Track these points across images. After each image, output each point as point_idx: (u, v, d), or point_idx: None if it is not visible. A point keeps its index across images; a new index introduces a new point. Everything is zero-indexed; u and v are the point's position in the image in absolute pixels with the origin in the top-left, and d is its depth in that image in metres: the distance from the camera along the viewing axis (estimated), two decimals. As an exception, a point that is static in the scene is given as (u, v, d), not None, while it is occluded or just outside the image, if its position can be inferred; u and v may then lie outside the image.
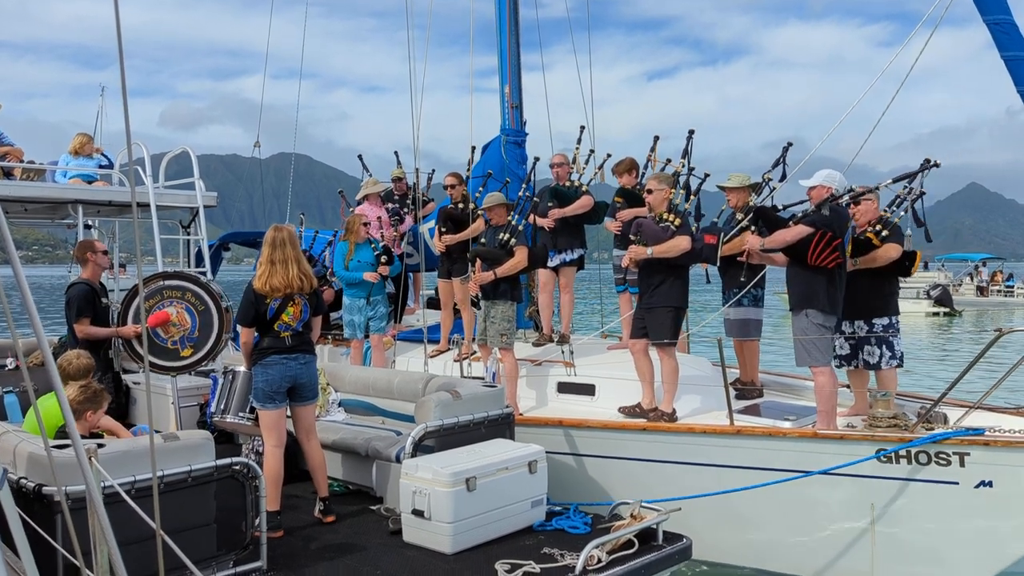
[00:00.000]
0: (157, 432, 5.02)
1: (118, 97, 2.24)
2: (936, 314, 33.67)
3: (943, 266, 47.37)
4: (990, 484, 5.45)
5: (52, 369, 2.31)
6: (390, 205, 9.57)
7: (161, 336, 6.53)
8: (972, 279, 43.51)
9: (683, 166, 7.90)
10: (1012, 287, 41.67)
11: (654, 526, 5.07)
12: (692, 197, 7.56)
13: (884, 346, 6.41)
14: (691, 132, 8.13)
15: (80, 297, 6.87)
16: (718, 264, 7.03)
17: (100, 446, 3.94)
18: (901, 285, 6.79)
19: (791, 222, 6.19)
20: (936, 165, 6.38)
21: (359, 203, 9.50)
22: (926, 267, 46.08)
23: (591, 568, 4.63)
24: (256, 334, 5.45)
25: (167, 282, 6.60)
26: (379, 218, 9.16)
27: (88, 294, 6.89)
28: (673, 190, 6.94)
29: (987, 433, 5.45)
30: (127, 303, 6.80)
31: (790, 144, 7.69)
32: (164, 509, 3.09)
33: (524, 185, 8.26)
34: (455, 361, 8.03)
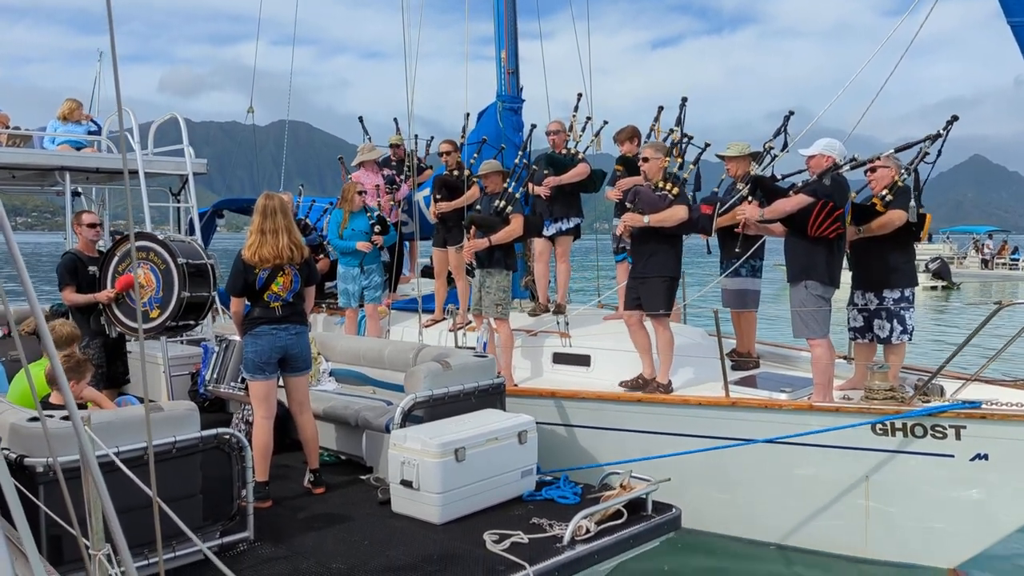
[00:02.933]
0: (142, 401, 4.99)
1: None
2: (934, 288, 33.65)
3: (948, 238, 47.24)
4: (986, 457, 5.44)
5: (46, 335, 2.26)
6: (386, 172, 9.45)
7: (133, 299, 6.46)
8: (977, 252, 43.29)
9: (677, 133, 7.78)
10: (1017, 260, 41.41)
11: (643, 496, 5.03)
12: (692, 167, 7.45)
13: (895, 320, 6.23)
14: (684, 99, 8.01)
15: (62, 267, 6.89)
16: (712, 234, 6.94)
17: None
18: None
19: (791, 192, 6.07)
20: (955, 118, 6.12)
21: (356, 169, 9.39)
22: (930, 239, 45.92)
23: (579, 538, 4.60)
24: (247, 303, 5.38)
25: (138, 243, 6.47)
26: (376, 185, 9.05)
27: (71, 263, 6.90)
28: (668, 159, 6.83)
29: (983, 406, 5.42)
30: (103, 268, 6.76)
31: (791, 113, 7.55)
32: (149, 479, 3.05)
33: (520, 153, 8.16)
34: (450, 331, 7.98)
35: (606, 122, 8.38)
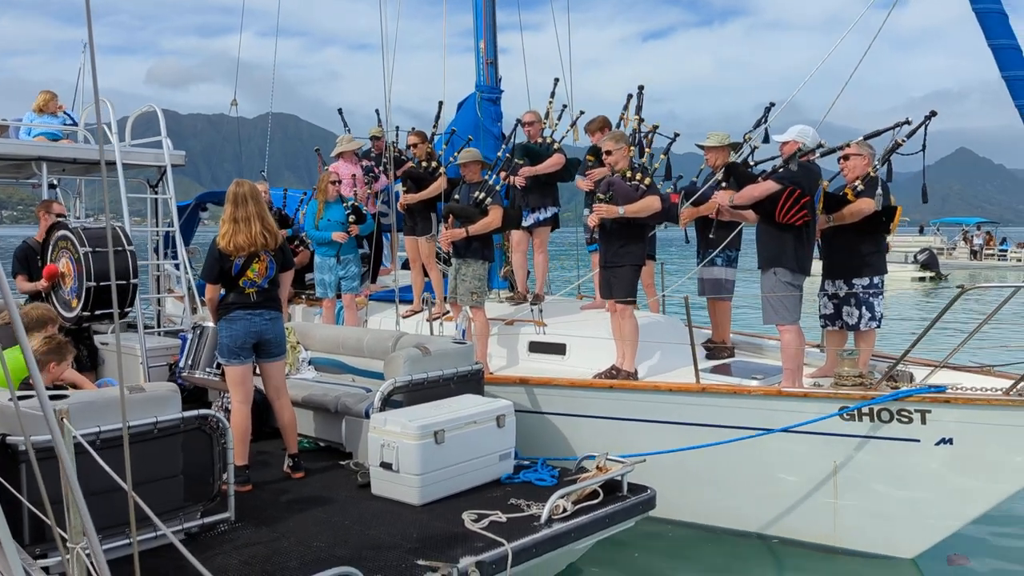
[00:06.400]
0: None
1: (100, 54, 2.23)
2: (922, 278, 34.06)
3: (938, 230, 47.99)
4: (950, 441, 5.52)
5: (16, 320, 2.33)
6: (364, 163, 9.51)
7: (63, 288, 6.54)
8: (966, 243, 44.01)
9: (648, 123, 7.88)
10: (1005, 251, 42.19)
11: (619, 477, 5.14)
12: (663, 157, 7.55)
13: (864, 307, 6.34)
14: (640, 87, 8.12)
15: (14, 256, 7.18)
16: (681, 223, 7.05)
17: (61, 397, 3.95)
18: (892, 249, 6.68)
19: (760, 178, 6.17)
20: (933, 114, 6.22)
21: (335, 160, 9.45)
22: (921, 231, 46.75)
23: (556, 517, 4.70)
24: (222, 290, 5.45)
25: (59, 233, 6.57)
26: (353, 176, 9.09)
27: (22, 253, 7.18)
28: (633, 148, 6.93)
29: (948, 391, 5.50)
30: (42, 257, 6.91)
31: (772, 104, 7.64)
32: (130, 460, 3.13)
33: (504, 146, 8.23)
34: (427, 321, 8.04)
35: (582, 112, 8.45)
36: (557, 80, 8.66)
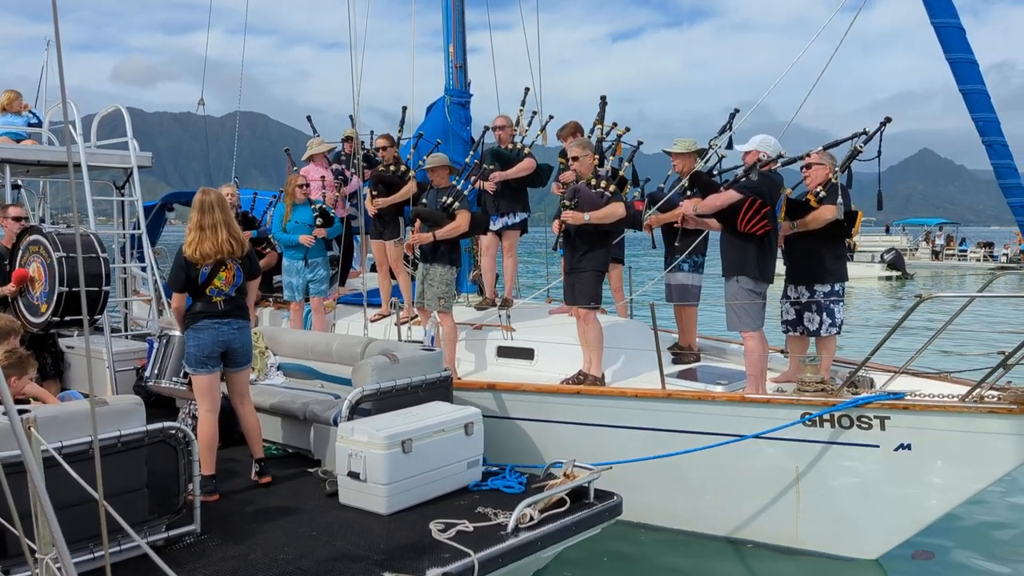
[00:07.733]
0: (86, 396, 5.00)
1: (65, 51, 2.21)
2: (889, 278, 34.75)
3: (903, 230, 49.19)
4: (909, 447, 5.65)
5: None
6: (336, 166, 9.48)
7: (31, 293, 6.46)
8: (928, 243, 45.22)
9: (620, 128, 7.95)
10: (965, 251, 43.49)
11: (586, 484, 5.18)
12: (627, 163, 7.63)
13: (824, 313, 6.46)
14: (603, 98, 8.20)
15: None
16: (647, 230, 7.11)
17: (23, 412, 3.90)
18: (859, 249, 6.76)
19: (722, 187, 6.26)
20: (888, 120, 6.31)
21: (306, 163, 9.40)
22: (887, 231, 47.93)
23: (523, 526, 4.73)
24: (189, 298, 5.41)
25: (31, 237, 6.49)
26: (322, 178, 9.06)
27: None
28: (597, 155, 7.01)
29: (907, 397, 5.62)
30: (11, 261, 6.80)
31: (736, 111, 7.74)
32: (94, 474, 3.09)
33: (472, 152, 8.24)
34: (395, 325, 8.03)
35: (551, 116, 8.51)
36: (528, 89, 8.70)
